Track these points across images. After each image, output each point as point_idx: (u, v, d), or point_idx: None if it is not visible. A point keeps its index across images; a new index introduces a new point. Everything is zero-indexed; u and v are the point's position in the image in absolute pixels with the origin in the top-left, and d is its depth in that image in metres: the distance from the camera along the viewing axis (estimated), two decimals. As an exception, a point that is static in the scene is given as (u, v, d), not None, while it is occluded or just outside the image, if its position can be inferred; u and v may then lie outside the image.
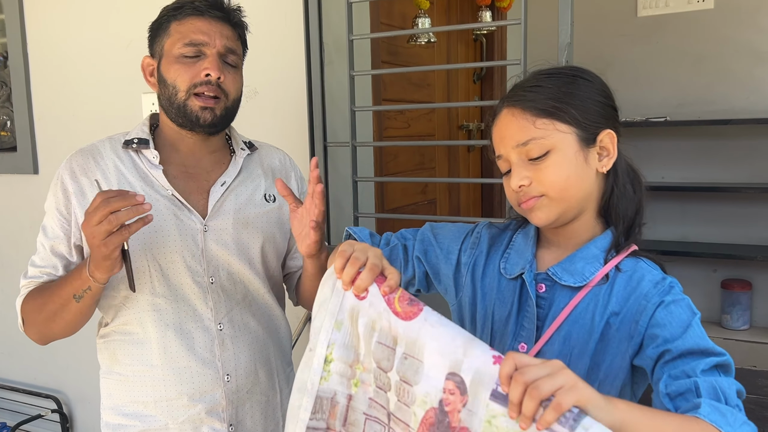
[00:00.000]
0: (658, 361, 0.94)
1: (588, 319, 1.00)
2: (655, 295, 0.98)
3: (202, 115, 1.32)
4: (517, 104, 1.00)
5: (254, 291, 1.41)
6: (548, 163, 0.98)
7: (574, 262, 1.03)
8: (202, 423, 1.35)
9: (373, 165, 2.33)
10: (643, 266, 1.03)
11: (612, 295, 1.00)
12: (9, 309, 2.69)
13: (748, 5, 3.42)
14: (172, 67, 1.32)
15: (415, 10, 2.66)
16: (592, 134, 1.00)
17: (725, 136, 3.55)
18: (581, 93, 1.00)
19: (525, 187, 0.99)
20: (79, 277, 1.23)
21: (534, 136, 0.98)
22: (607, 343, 0.99)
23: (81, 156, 1.37)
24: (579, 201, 1.01)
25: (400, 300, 0.89)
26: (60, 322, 1.30)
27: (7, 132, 2.74)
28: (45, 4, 2.49)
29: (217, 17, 1.34)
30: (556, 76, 1.02)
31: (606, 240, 1.04)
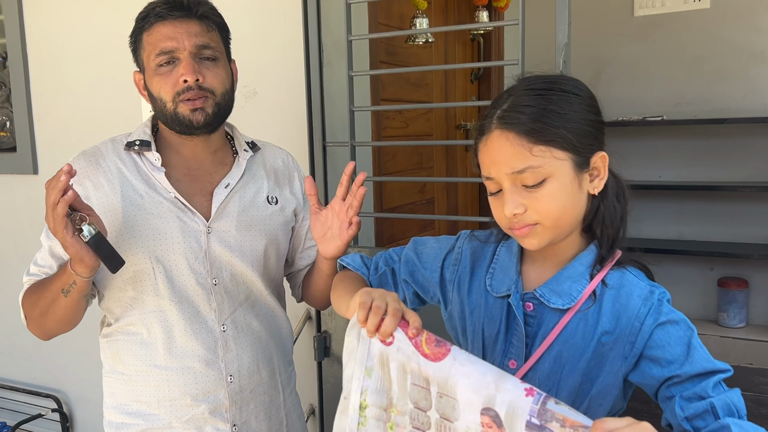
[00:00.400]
0: (665, 383, 0.96)
1: (578, 338, 1.00)
2: (649, 315, 0.97)
3: (194, 118, 1.31)
4: (511, 128, 0.95)
5: (257, 292, 1.42)
6: (544, 192, 0.95)
7: (560, 282, 1.02)
8: (206, 423, 1.36)
9: (372, 165, 2.34)
10: (629, 279, 1.02)
11: (601, 314, 1.00)
12: (9, 309, 2.71)
13: (744, 5, 3.44)
14: (153, 80, 1.32)
15: (412, 10, 2.67)
16: (585, 158, 0.98)
17: (722, 135, 3.56)
18: (575, 113, 0.97)
19: (519, 215, 0.97)
20: (64, 272, 1.23)
21: (531, 165, 0.94)
22: (600, 361, 0.99)
23: (84, 158, 1.38)
24: (572, 226, 1.00)
25: (427, 342, 0.91)
26: (52, 317, 1.31)
27: (7, 132, 2.74)
28: (44, 5, 2.50)
29: (180, 17, 1.31)
30: (549, 93, 0.97)
31: (590, 256, 1.03)
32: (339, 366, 2.04)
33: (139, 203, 1.33)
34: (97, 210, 1.31)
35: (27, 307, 1.35)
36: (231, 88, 1.39)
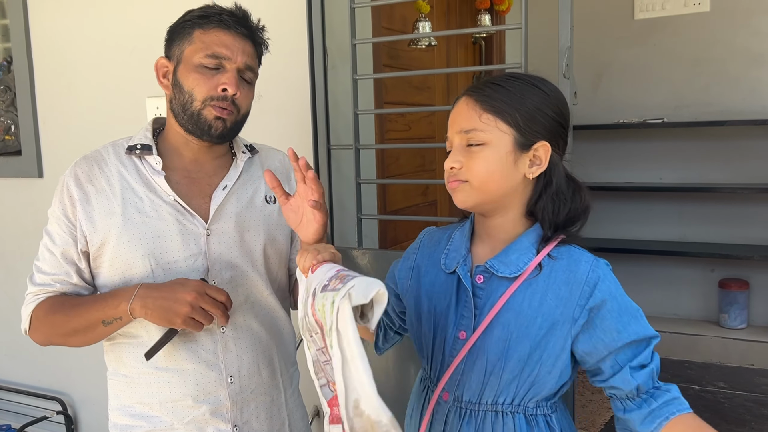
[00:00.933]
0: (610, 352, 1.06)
1: (526, 306, 1.08)
2: (601, 282, 1.06)
3: (215, 125, 1.34)
4: (473, 95, 1.09)
5: (257, 293, 1.43)
6: (480, 155, 1.07)
7: (508, 254, 1.10)
8: (207, 424, 1.37)
9: (375, 167, 2.36)
10: (575, 251, 1.10)
11: (550, 282, 1.08)
12: (13, 311, 2.71)
13: (743, 8, 3.47)
14: (190, 74, 1.33)
15: (415, 14, 2.69)
16: (529, 141, 1.07)
17: (722, 137, 3.59)
18: (533, 102, 1.08)
19: (455, 169, 1.09)
20: (114, 306, 1.27)
21: (476, 127, 1.07)
22: (549, 328, 1.07)
23: (85, 163, 1.39)
24: (499, 196, 1.09)
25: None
26: (81, 338, 1.34)
27: (12, 136, 2.76)
28: (49, 9, 2.51)
29: (242, 34, 1.35)
30: (519, 80, 1.10)
31: (534, 234, 1.11)
32: (343, 367, 2.05)
33: (139, 206, 1.34)
34: (98, 213, 1.33)
35: (44, 324, 1.36)
36: (249, 112, 1.43)
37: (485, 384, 1.11)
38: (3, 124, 2.77)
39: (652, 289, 3.82)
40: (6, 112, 2.77)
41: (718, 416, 2.82)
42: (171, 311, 1.23)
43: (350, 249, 1.99)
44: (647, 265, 3.81)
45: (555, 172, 1.10)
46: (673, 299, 3.77)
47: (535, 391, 1.09)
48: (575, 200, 1.12)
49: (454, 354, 1.13)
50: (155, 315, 1.25)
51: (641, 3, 3.66)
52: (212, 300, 1.25)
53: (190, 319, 1.24)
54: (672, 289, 3.77)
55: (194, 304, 1.23)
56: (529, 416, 1.11)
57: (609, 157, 3.87)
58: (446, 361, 1.15)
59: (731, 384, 3.22)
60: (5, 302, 2.79)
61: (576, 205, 1.12)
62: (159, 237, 1.33)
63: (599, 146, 3.84)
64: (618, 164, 3.87)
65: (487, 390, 1.11)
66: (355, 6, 1.94)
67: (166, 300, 1.24)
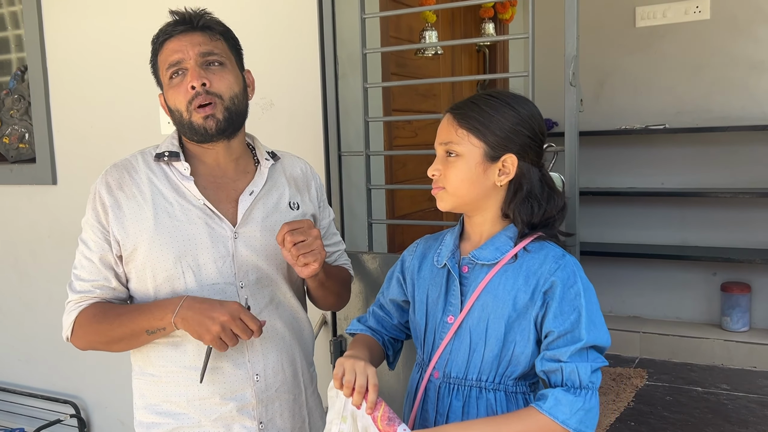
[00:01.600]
0: (545, 338, 1.19)
1: (500, 290, 1.22)
2: (558, 271, 1.19)
3: (207, 125, 1.38)
4: (453, 112, 1.25)
5: (280, 295, 1.48)
6: (454, 164, 1.23)
7: (488, 246, 1.25)
8: (234, 421, 1.41)
9: (384, 173, 2.41)
10: (547, 245, 1.24)
11: (522, 270, 1.22)
12: (28, 317, 2.77)
13: (743, 16, 3.52)
14: (168, 94, 1.40)
15: (421, 23, 2.75)
16: (497, 154, 1.22)
17: (723, 143, 3.64)
18: (503, 120, 1.22)
19: (435, 176, 1.26)
20: (159, 318, 1.33)
21: (452, 140, 1.23)
22: (519, 310, 1.20)
23: (116, 171, 1.43)
24: (473, 200, 1.25)
25: (381, 418, 1.17)
26: (124, 345, 1.40)
27: (26, 144, 2.81)
28: (64, 20, 2.57)
29: (183, 31, 1.39)
30: (495, 99, 1.24)
31: (511, 230, 1.25)
32: (354, 369, 2.10)
33: (169, 211, 1.39)
34: (130, 218, 1.38)
35: (87, 331, 1.40)
36: (241, 93, 1.45)
37: (469, 362, 1.24)
38: (17, 133, 2.82)
39: (655, 293, 3.87)
40: (20, 121, 2.82)
41: (721, 417, 2.87)
42: (203, 327, 1.29)
43: (361, 253, 2.04)
44: (650, 270, 3.85)
45: (525, 179, 1.24)
46: (675, 303, 3.81)
47: (512, 369, 1.22)
48: (550, 202, 1.25)
49: (443, 336, 1.27)
50: (190, 328, 1.30)
51: (642, 11, 3.72)
52: (243, 326, 1.30)
53: (218, 339, 1.29)
54: (675, 292, 3.81)
55: (225, 326, 1.28)
56: (509, 393, 1.24)
57: (611, 163, 3.92)
58: (436, 343, 1.29)
59: (734, 386, 3.27)
60: (19, 308, 2.83)
61: (551, 206, 1.25)
62: (189, 240, 1.38)
63: (602, 152, 3.89)
64: (620, 170, 3.92)
65: (471, 367, 1.24)
66: (366, 17, 1.99)
67: (202, 316, 1.29)
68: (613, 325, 3.78)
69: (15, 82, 2.86)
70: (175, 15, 1.42)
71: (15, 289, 2.83)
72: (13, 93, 2.84)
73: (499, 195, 1.25)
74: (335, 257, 1.64)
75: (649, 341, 3.63)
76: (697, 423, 2.80)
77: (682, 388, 3.17)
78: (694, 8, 3.60)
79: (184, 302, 1.31)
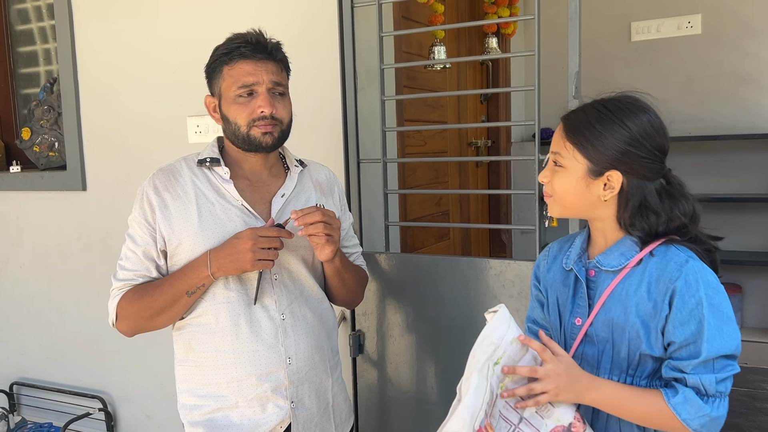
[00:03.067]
0: (668, 347, 1.19)
1: (624, 295, 1.23)
2: (680, 279, 1.17)
3: (264, 140, 1.55)
4: (566, 123, 1.29)
5: (308, 287, 1.64)
6: (559, 175, 1.28)
7: (613, 252, 1.27)
8: (268, 400, 1.56)
9: (397, 179, 2.57)
10: (672, 250, 1.23)
11: (645, 276, 1.22)
12: (58, 317, 2.91)
13: (733, 31, 3.68)
14: (231, 107, 1.55)
15: (429, 39, 2.92)
16: (600, 170, 1.23)
17: (714, 151, 3.78)
18: (610, 138, 1.22)
19: (545, 183, 1.31)
20: (196, 275, 1.48)
21: (560, 152, 1.28)
22: (642, 316, 1.21)
23: (162, 174, 1.60)
24: (580, 211, 1.29)
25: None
26: (166, 315, 1.53)
27: (55, 152, 2.96)
28: (95, 33, 2.71)
29: (262, 58, 1.54)
30: (606, 113, 1.24)
31: (632, 238, 1.26)
32: (372, 363, 2.24)
33: (211, 210, 1.55)
34: (176, 217, 1.53)
35: (130, 310, 1.54)
36: (291, 118, 1.63)
37: (600, 362, 1.27)
38: (47, 142, 2.97)
39: (650, 295, 4.00)
40: (50, 130, 2.97)
41: (714, 409, 3.01)
42: (239, 262, 1.45)
43: (378, 253, 2.19)
44: (645, 272, 3.99)
45: (634, 194, 1.23)
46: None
47: (642, 369, 1.23)
48: (674, 211, 1.23)
49: (573, 337, 1.31)
50: (230, 270, 1.47)
51: (638, 26, 3.88)
52: (268, 238, 1.46)
53: (258, 262, 1.45)
54: (669, 294, 3.95)
55: (254, 249, 1.44)
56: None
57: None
58: (568, 343, 1.33)
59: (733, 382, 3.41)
60: (49, 309, 2.97)
61: (675, 215, 1.23)
62: (230, 236, 1.53)
63: (599, 160, 4.02)
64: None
65: (601, 369, 1.27)
66: (383, 35, 2.15)
67: (231, 255, 1.46)
68: (610, 325, 3.93)
69: (44, 93, 3.01)
70: (253, 38, 1.55)
71: (45, 291, 2.97)
72: (43, 104, 2.99)
73: (611, 206, 1.26)
74: (353, 258, 1.80)
75: (645, 340, 3.77)
76: (691, 415, 2.94)
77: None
78: (686, 23, 3.76)
79: (211, 256, 1.48)
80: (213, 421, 1.57)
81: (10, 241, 3.03)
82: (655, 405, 1.15)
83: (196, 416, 1.59)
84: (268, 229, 1.47)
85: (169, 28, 2.53)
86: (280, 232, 1.47)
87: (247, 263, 1.45)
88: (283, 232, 1.47)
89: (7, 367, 3.12)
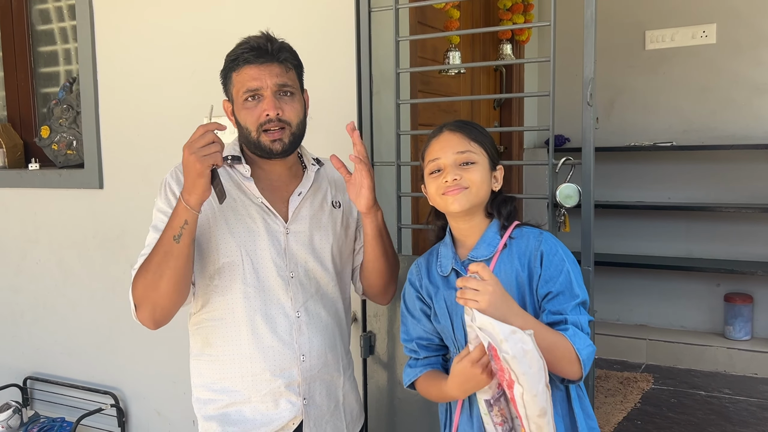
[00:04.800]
0: (543, 298, 1.39)
1: (503, 276, 1.42)
2: (539, 244, 1.41)
3: (273, 147, 1.57)
4: (458, 130, 1.48)
5: (324, 286, 1.66)
6: (475, 168, 1.44)
7: (480, 245, 1.47)
8: (281, 396, 1.58)
9: (411, 182, 2.59)
10: (526, 230, 1.46)
11: (513, 252, 1.44)
12: (72, 314, 2.95)
13: (747, 41, 3.69)
14: (241, 112, 1.58)
15: (445, 44, 2.94)
16: (494, 164, 1.49)
17: (727, 160, 3.79)
18: (489, 139, 1.51)
19: (456, 180, 1.42)
20: (175, 215, 1.45)
21: (469, 149, 1.45)
22: (522, 286, 1.41)
23: None
24: (482, 201, 1.46)
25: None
26: (167, 275, 1.46)
27: (73, 151, 3.00)
28: (115, 34, 2.75)
29: (264, 62, 1.55)
30: (478, 125, 1.52)
31: (494, 227, 1.48)
32: (382, 364, 2.26)
33: (232, 205, 1.58)
34: None
35: (139, 287, 1.51)
36: (304, 117, 1.65)
37: None
38: (66, 140, 3.02)
39: (660, 302, 4.02)
40: (68, 129, 3.01)
41: (723, 419, 3.02)
42: (192, 171, 1.41)
43: (390, 255, 2.21)
44: (656, 280, 4.01)
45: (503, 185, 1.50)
46: (680, 312, 3.96)
47: None
48: (510, 200, 1.51)
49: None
50: (194, 185, 1.42)
51: (652, 35, 3.90)
52: (197, 138, 1.41)
53: (204, 158, 1.39)
54: (680, 302, 3.96)
55: (192, 151, 1.39)
56: None
57: (621, 178, 4.08)
58: (466, 338, 1.41)
59: (736, 390, 3.43)
60: (63, 305, 3.01)
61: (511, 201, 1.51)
62: (249, 232, 1.56)
63: (611, 167, 4.05)
64: (629, 184, 4.07)
65: None
66: (400, 39, 2.18)
67: (187, 172, 1.42)
68: (620, 332, 3.94)
69: (64, 92, 3.06)
70: (256, 43, 1.56)
71: (60, 287, 3.00)
72: (62, 103, 3.03)
73: (487, 198, 1.48)
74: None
75: (654, 348, 3.78)
76: (700, 423, 2.95)
77: (687, 391, 3.32)
78: (701, 33, 3.77)
79: (181, 195, 1.44)
80: (226, 415, 1.59)
81: (27, 238, 3.07)
82: (560, 338, 1.31)
83: (210, 410, 1.61)
84: (201, 129, 1.43)
85: (189, 30, 2.57)
86: (207, 127, 1.43)
87: (197, 163, 1.40)
88: (211, 125, 1.43)
89: (21, 361, 3.15)
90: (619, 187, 4.08)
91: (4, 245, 3.16)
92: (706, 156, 3.81)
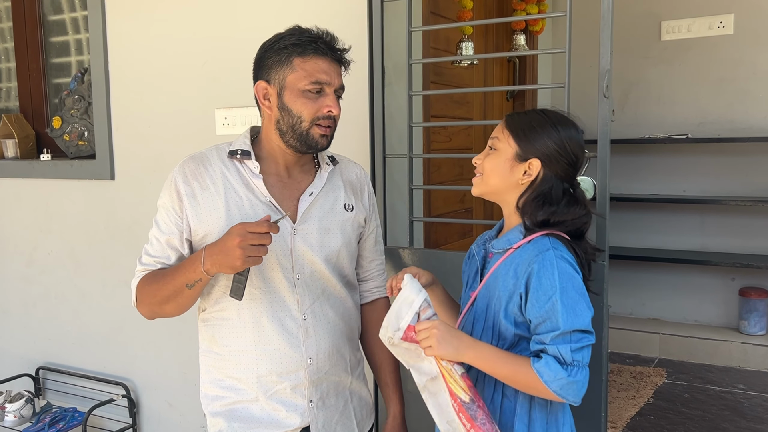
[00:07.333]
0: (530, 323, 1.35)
1: (500, 276, 1.41)
2: (533, 261, 1.35)
3: (321, 141, 1.54)
4: (509, 117, 1.48)
5: (331, 287, 1.62)
6: (491, 156, 1.44)
7: (503, 238, 1.46)
8: (287, 398, 1.55)
9: (423, 174, 2.57)
10: (544, 240, 1.38)
11: (515, 259, 1.40)
12: (84, 305, 2.96)
13: (766, 31, 3.63)
14: (298, 100, 1.52)
15: (458, 34, 2.91)
16: (525, 156, 1.41)
17: (743, 153, 3.75)
18: (541, 133, 1.42)
19: (477, 163, 1.47)
20: (193, 270, 1.44)
21: (498, 136, 1.45)
22: (508, 293, 1.39)
23: (192, 162, 1.58)
24: (498, 191, 1.45)
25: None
26: (172, 304, 1.52)
27: (85, 141, 3.00)
28: (126, 25, 2.74)
29: (335, 59, 1.54)
30: (543, 116, 1.45)
31: (521, 226, 1.43)
32: (393, 356, 2.25)
33: (239, 204, 1.54)
34: (204, 207, 1.53)
35: (144, 294, 1.55)
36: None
37: (473, 330, 1.46)
38: (77, 131, 3.02)
39: (674, 297, 3.98)
40: (80, 120, 3.01)
41: (737, 414, 2.99)
42: (229, 258, 1.38)
43: (401, 249, 2.19)
44: (670, 274, 3.97)
45: (545, 185, 1.41)
46: (695, 306, 3.93)
47: (502, 343, 1.40)
48: (568, 209, 1.40)
49: (464, 307, 1.52)
50: (222, 266, 1.41)
51: (668, 25, 3.85)
52: (257, 234, 1.38)
53: (248, 259, 1.38)
54: (694, 296, 3.93)
55: (243, 245, 1.36)
56: None
57: (635, 170, 4.04)
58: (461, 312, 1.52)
59: (750, 386, 3.39)
60: (75, 295, 3.02)
61: (566, 211, 1.40)
62: None
63: (626, 160, 4.02)
64: (643, 177, 4.04)
65: (474, 334, 1.45)
66: (412, 30, 2.15)
67: (222, 252, 1.39)
68: (633, 326, 3.91)
69: (75, 83, 3.05)
70: (328, 37, 1.54)
71: (71, 277, 3.01)
72: (74, 94, 3.03)
73: (518, 192, 1.43)
74: (375, 266, 1.77)
75: (668, 342, 3.76)
76: (714, 419, 2.93)
77: (700, 386, 3.30)
78: (718, 23, 3.72)
79: (205, 252, 1.42)
80: (234, 412, 1.57)
81: (38, 228, 3.08)
82: (523, 368, 1.31)
83: (217, 407, 1.59)
84: (257, 225, 1.39)
85: (200, 21, 2.55)
86: (270, 227, 1.40)
87: (237, 260, 1.38)
88: (273, 227, 1.40)
89: (33, 351, 3.17)
90: (634, 180, 4.05)
91: (16, 236, 3.17)
92: (722, 148, 3.78)
